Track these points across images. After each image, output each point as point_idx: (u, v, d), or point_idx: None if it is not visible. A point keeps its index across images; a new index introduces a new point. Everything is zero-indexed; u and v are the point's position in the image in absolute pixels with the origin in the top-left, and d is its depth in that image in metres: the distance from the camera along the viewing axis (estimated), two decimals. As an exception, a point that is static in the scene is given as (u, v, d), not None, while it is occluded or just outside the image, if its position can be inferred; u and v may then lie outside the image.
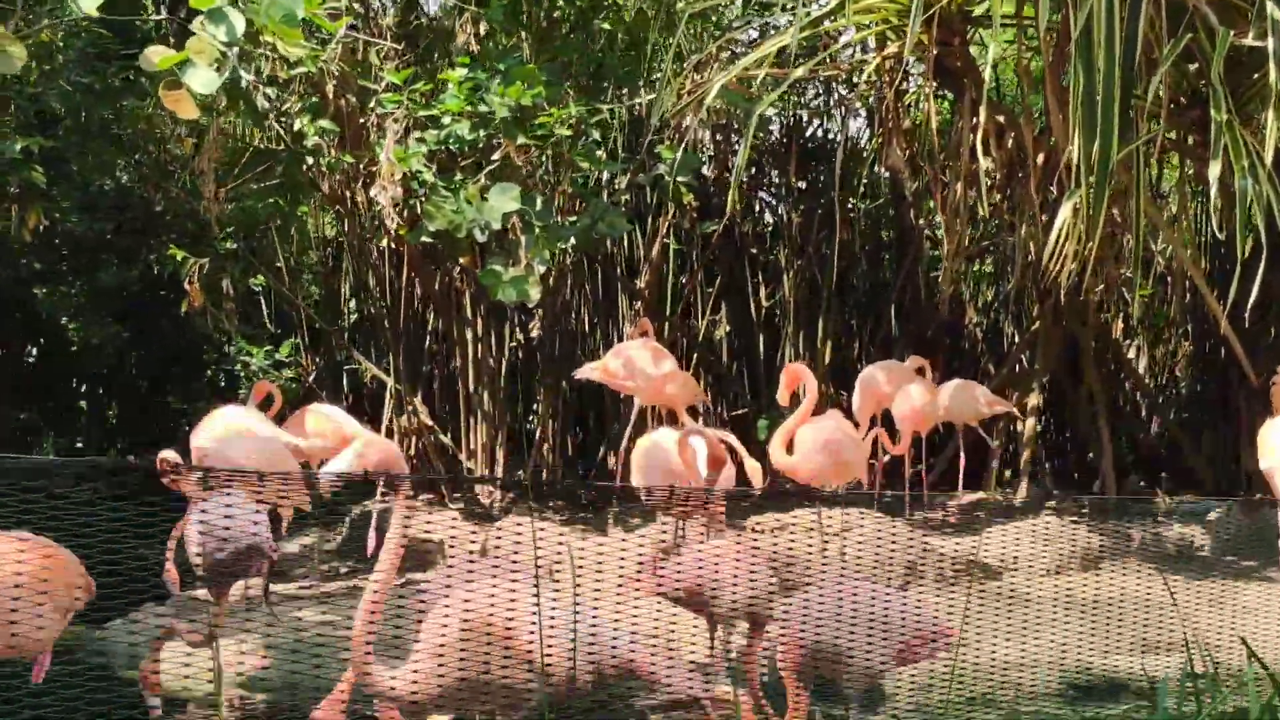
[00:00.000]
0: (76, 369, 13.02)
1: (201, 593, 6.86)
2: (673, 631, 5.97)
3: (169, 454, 7.97)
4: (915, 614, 5.19)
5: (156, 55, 7.37)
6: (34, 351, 13.00)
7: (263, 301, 12.61)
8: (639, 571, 5.87)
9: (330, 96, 9.82)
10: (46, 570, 4.55)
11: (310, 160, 9.86)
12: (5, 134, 9.66)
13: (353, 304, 12.88)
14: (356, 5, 10.66)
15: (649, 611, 5.56)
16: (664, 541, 8.37)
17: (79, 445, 13.47)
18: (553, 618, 3.98)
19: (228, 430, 8.72)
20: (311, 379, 12.11)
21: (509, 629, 3.94)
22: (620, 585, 5.51)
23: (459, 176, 9.53)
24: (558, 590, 4.74)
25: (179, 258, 10.76)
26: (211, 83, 7.46)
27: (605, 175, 11.24)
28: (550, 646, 3.90)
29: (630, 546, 6.37)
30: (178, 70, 7.35)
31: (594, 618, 4.15)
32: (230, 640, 6.89)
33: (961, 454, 10.60)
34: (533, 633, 3.90)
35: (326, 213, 11.91)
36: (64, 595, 4.65)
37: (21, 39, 8.22)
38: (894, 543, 9.12)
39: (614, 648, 4.04)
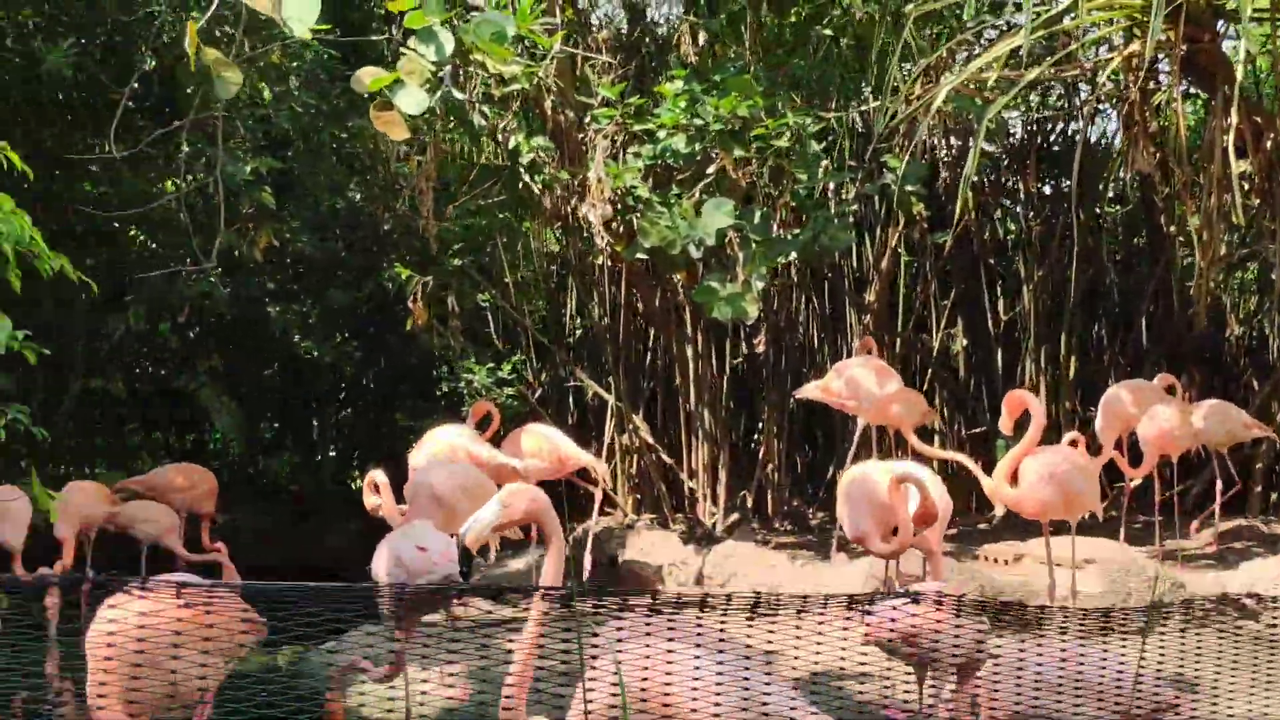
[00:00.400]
0: (311, 386, 13.29)
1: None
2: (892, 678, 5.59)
3: (377, 474, 8.04)
4: (1136, 681, 4.65)
5: (367, 77, 7.35)
6: (272, 368, 13.31)
7: (490, 318, 12.64)
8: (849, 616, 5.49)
9: (548, 112, 9.73)
10: (204, 619, 4.38)
11: (529, 176, 9.78)
12: (237, 156, 9.86)
13: (577, 320, 12.80)
14: (576, 21, 10.58)
15: (854, 655, 5.17)
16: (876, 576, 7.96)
17: (317, 460, 13.76)
18: (718, 684, 3.67)
19: (437, 452, 8.74)
20: (536, 396, 12.06)
21: (666, 699, 3.65)
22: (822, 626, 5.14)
23: (675, 191, 9.30)
24: (750, 637, 4.43)
25: (404, 276, 10.87)
26: (421, 103, 7.41)
27: (831, 186, 10.85)
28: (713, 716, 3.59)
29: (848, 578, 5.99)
30: (388, 91, 7.34)
31: (766, 683, 3.81)
32: (435, 668, 6.78)
33: (1219, 479, 9.81)
34: (695, 702, 3.60)
35: (550, 229, 11.83)
36: (226, 641, 4.50)
37: (249, 62, 8.36)
38: (1137, 577, 8.51)
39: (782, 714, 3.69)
